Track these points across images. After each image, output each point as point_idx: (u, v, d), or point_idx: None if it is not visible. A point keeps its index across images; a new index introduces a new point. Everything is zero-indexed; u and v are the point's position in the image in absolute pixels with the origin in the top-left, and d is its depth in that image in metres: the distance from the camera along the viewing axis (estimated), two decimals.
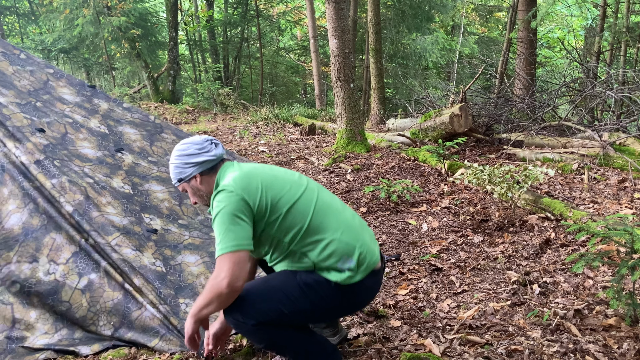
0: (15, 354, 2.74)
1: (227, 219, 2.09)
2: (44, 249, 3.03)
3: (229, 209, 2.09)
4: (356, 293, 2.23)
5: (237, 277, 2.04)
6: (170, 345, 2.70)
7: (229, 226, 2.07)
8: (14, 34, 19.83)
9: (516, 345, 2.49)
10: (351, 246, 2.20)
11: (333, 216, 2.25)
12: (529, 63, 10.40)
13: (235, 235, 2.06)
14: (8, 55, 4.29)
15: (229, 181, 2.17)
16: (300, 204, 2.21)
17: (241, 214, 2.10)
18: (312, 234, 2.18)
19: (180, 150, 2.32)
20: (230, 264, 2.03)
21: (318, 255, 2.17)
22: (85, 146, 3.80)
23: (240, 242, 2.06)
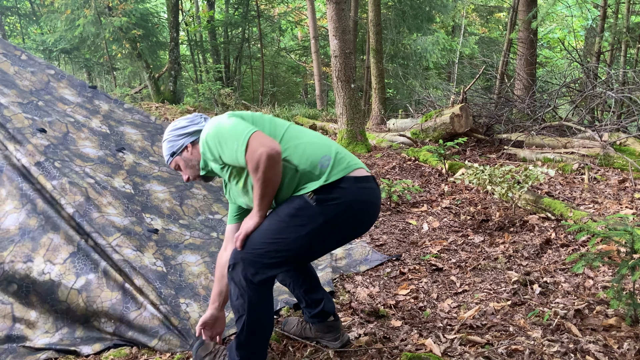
0: (16, 354, 2.74)
1: (224, 125, 2.14)
2: (41, 249, 3.03)
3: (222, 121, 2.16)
4: (342, 197, 2.15)
5: (271, 141, 2.05)
6: (170, 345, 2.70)
7: (232, 125, 2.12)
8: (16, 35, 19.85)
9: (517, 345, 2.49)
10: (327, 146, 2.24)
11: (311, 132, 2.33)
12: (529, 63, 10.41)
13: (242, 127, 2.09)
14: (9, 56, 4.30)
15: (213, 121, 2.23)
16: (276, 122, 2.29)
17: (233, 119, 2.17)
18: (290, 140, 2.21)
19: (172, 126, 2.38)
20: (257, 140, 2.04)
21: (300, 157, 2.17)
22: (87, 145, 3.80)
23: (246, 131, 2.06)
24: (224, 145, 2.11)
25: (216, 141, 2.13)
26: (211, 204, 4.03)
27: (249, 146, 2.03)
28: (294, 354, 2.61)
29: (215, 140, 2.13)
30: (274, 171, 2.07)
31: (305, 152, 2.18)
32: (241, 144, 2.04)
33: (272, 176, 2.07)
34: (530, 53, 10.37)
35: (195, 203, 3.93)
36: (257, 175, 2.05)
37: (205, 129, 2.20)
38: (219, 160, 2.18)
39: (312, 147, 2.21)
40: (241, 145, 2.04)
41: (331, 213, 2.15)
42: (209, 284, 3.19)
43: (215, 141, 2.14)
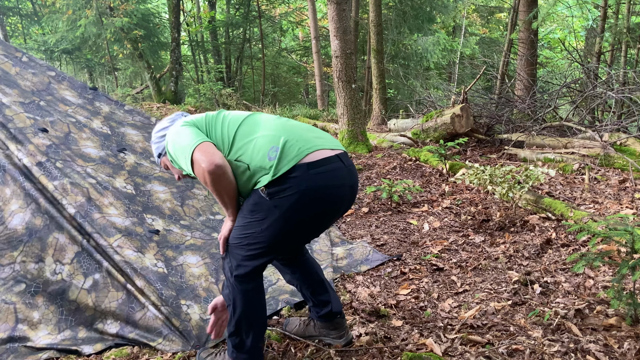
0: (17, 354, 2.74)
1: (176, 136, 2.23)
2: (49, 249, 3.04)
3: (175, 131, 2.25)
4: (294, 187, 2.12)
5: (211, 155, 2.10)
6: (173, 345, 2.71)
7: (181, 137, 2.20)
8: (17, 35, 19.87)
9: (517, 345, 2.50)
10: (276, 137, 2.19)
11: (267, 123, 2.29)
12: (530, 64, 10.41)
13: (189, 137, 2.17)
14: (11, 57, 4.31)
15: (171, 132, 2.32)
16: (231, 119, 2.31)
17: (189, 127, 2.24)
18: (242, 138, 2.22)
19: (156, 127, 2.45)
20: (199, 154, 2.11)
21: (250, 155, 2.17)
22: (88, 145, 3.81)
23: (196, 139, 2.15)
24: (179, 159, 2.21)
25: (173, 154, 2.25)
26: (212, 205, 4.04)
27: (193, 162, 2.13)
28: (295, 354, 2.61)
29: (173, 153, 2.25)
30: (221, 183, 2.14)
31: (255, 148, 2.17)
32: (187, 160, 2.14)
33: (221, 187, 2.16)
34: (530, 53, 10.38)
35: (197, 203, 3.93)
36: (209, 188, 2.16)
37: (167, 137, 2.30)
38: (179, 166, 2.29)
39: (261, 141, 2.18)
40: (188, 161, 2.14)
41: (285, 205, 2.13)
42: (209, 286, 3.19)
43: (173, 154, 2.25)
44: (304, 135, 2.24)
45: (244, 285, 2.29)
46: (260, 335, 2.38)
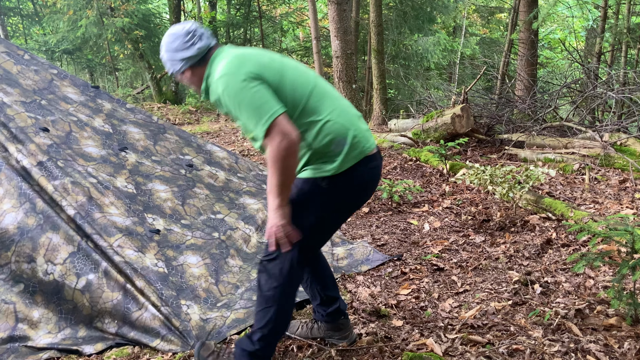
0: (18, 353, 2.74)
1: (244, 91, 2.05)
2: (40, 249, 3.03)
3: (244, 87, 2.05)
4: (353, 180, 2.20)
5: (290, 130, 2.02)
6: (172, 345, 2.72)
7: (254, 95, 2.04)
8: (18, 35, 19.88)
9: (517, 345, 2.50)
10: (345, 128, 2.18)
11: (329, 100, 2.23)
12: (530, 64, 10.41)
13: (262, 109, 2.03)
14: (12, 55, 4.30)
15: (224, 66, 2.12)
16: (298, 84, 2.18)
17: (253, 87, 2.06)
18: (308, 114, 2.16)
19: (167, 43, 2.27)
20: (279, 127, 2.01)
21: (315, 137, 2.15)
22: (90, 144, 3.81)
23: (272, 111, 2.02)
24: (243, 113, 2.06)
25: (234, 103, 2.07)
26: (213, 204, 4.04)
27: (270, 133, 2.01)
28: (296, 354, 2.62)
29: (234, 102, 2.07)
30: (294, 160, 2.05)
31: (322, 131, 2.15)
32: (262, 125, 2.01)
33: (289, 165, 2.05)
34: (531, 54, 10.38)
35: (198, 203, 3.94)
36: (276, 164, 2.03)
37: (221, 80, 2.09)
38: (232, 115, 2.14)
39: (329, 127, 2.16)
40: (262, 127, 2.01)
41: (341, 195, 2.21)
42: (209, 287, 3.20)
43: (233, 102, 2.08)
44: (362, 128, 2.26)
45: (296, 273, 2.28)
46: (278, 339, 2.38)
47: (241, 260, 3.64)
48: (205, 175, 4.35)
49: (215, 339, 2.77)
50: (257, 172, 4.89)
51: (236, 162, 4.83)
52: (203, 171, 4.38)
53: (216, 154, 4.76)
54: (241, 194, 4.40)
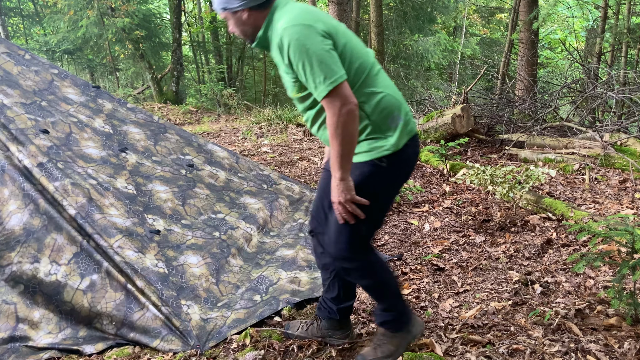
0: (19, 353, 2.75)
1: (315, 54, 1.99)
2: (46, 250, 3.04)
3: (315, 43, 2.00)
4: (406, 157, 2.24)
5: (352, 96, 2.02)
6: (172, 345, 2.72)
7: (320, 60, 1.99)
8: (19, 35, 19.90)
9: (518, 345, 2.50)
10: (400, 104, 2.22)
11: (384, 75, 2.26)
12: (530, 64, 10.40)
13: (329, 69, 1.99)
14: (13, 55, 4.30)
15: (296, 16, 2.05)
16: (361, 54, 2.18)
17: (324, 44, 2.02)
18: (368, 85, 2.15)
19: None
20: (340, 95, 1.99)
21: (374, 109, 2.14)
22: (90, 146, 3.82)
23: (337, 75, 2.00)
24: (307, 68, 2.01)
25: (301, 55, 2.00)
26: (214, 204, 4.05)
27: (332, 95, 1.99)
28: (297, 354, 2.62)
29: (302, 53, 2.00)
30: (355, 127, 2.04)
31: (381, 104, 2.16)
32: (327, 86, 1.98)
33: (353, 132, 2.03)
34: (531, 54, 10.37)
35: (198, 203, 3.94)
36: (337, 130, 2.01)
37: (293, 29, 2.01)
38: (291, 69, 2.08)
39: (388, 100, 2.17)
40: (326, 87, 1.98)
41: (398, 171, 2.25)
42: (209, 286, 3.20)
43: (300, 54, 2.00)
44: (408, 106, 2.30)
45: (371, 256, 2.32)
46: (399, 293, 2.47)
47: (242, 259, 3.64)
48: (206, 175, 4.35)
49: (215, 339, 2.78)
50: (257, 172, 4.89)
51: (237, 162, 4.84)
52: (204, 171, 4.39)
53: (217, 154, 4.76)
54: (242, 193, 4.40)
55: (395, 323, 2.44)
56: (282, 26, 2.03)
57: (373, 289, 2.40)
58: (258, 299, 3.16)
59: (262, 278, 3.40)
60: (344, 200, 2.12)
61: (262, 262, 3.70)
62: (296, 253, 3.72)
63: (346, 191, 2.11)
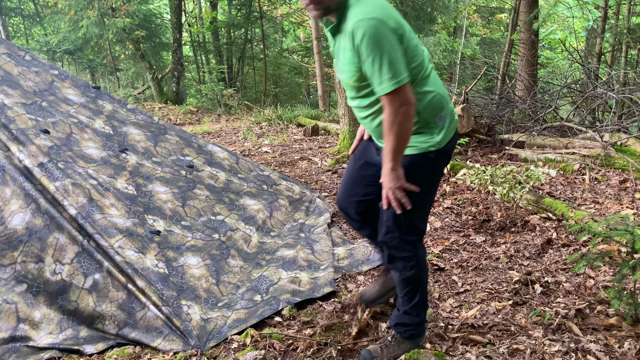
0: (19, 353, 2.75)
1: (387, 51, 2.07)
2: (49, 249, 3.05)
3: (388, 41, 2.08)
4: (445, 152, 2.36)
5: (411, 100, 2.13)
6: (173, 345, 2.73)
7: (390, 58, 2.07)
8: (19, 35, 19.92)
9: (518, 345, 2.51)
10: (447, 102, 2.34)
11: (435, 74, 2.37)
12: (530, 64, 10.40)
13: (397, 68, 2.07)
14: (13, 56, 4.31)
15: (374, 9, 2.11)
16: (420, 53, 2.26)
17: (395, 43, 2.09)
18: (423, 85, 2.26)
19: None
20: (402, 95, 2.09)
21: (425, 107, 2.26)
22: (90, 146, 3.82)
23: (402, 76, 2.09)
24: (377, 62, 2.08)
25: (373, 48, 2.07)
26: (213, 205, 4.05)
27: (394, 95, 2.09)
28: (297, 354, 2.63)
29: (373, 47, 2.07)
30: (410, 125, 2.15)
31: (431, 103, 2.27)
32: (391, 85, 2.07)
33: (407, 130, 2.15)
34: (531, 54, 10.37)
35: (198, 204, 3.95)
36: (394, 127, 2.13)
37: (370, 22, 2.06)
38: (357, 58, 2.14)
39: (437, 100, 2.29)
40: (390, 85, 2.07)
41: (440, 166, 2.40)
42: (209, 287, 3.21)
43: (372, 48, 2.07)
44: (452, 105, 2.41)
45: (420, 251, 2.45)
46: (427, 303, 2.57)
47: (242, 260, 3.65)
48: (206, 176, 4.36)
49: (216, 339, 2.78)
50: (257, 173, 4.90)
51: (237, 163, 4.84)
52: (204, 172, 4.39)
53: (217, 155, 4.76)
54: (242, 194, 4.40)
55: (410, 329, 2.51)
56: (358, 16, 2.09)
57: (409, 284, 2.45)
58: (258, 299, 3.17)
59: (263, 278, 3.41)
60: (394, 188, 2.25)
61: (263, 262, 3.70)
62: (296, 253, 3.73)
63: (396, 180, 2.24)
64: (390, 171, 2.22)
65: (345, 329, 2.83)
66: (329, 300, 3.19)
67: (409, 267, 2.41)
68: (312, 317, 2.98)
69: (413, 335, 2.52)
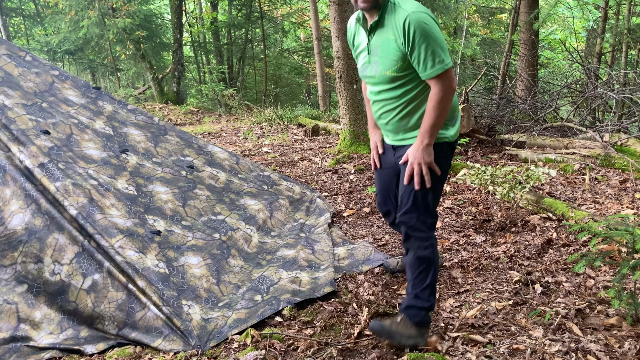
0: (20, 353, 2.75)
1: (437, 39, 2.38)
2: (48, 250, 3.05)
3: (437, 31, 2.39)
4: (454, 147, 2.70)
5: (455, 82, 2.46)
6: (173, 345, 2.73)
7: (441, 45, 2.38)
8: (20, 36, 19.95)
9: (518, 345, 2.51)
10: (458, 104, 2.72)
11: None
12: (531, 64, 10.41)
13: (445, 54, 2.39)
14: (14, 57, 4.32)
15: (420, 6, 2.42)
16: None
17: (441, 34, 2.41)
18: None
19: None
20: (451, 76, 2.41)
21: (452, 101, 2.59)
22: (91, 147, 3.83)
23: (450, 61, 2.41)
24: (429, 49, 2.37)
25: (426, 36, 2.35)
26: (214, 205, 4.06)
27: (444, 76, 2.40)
28: (298, 354, 2.63)
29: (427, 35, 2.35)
30: (450, 105, 2.47)
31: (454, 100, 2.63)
32: (443, 66, 2.38)
33: (448, 108, 2.46)
34: (531, 54, 10.38)
35: (198, 204, 3.95)
36: (439, 105, 2.42)
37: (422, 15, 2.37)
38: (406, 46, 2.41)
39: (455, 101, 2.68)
40: (442, 67, 2.38)
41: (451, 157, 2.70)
42: (210, 287, 3.21)
43: (425, 35, 2.35)
44: None
45: (433, 233, 2.68)
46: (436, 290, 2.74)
47: (242, 260, 3.65)
48: (206, 177, 4.36)
49: (216, 339, 2.79)
50: (258, 173, 4.90)
51: (237, 163, 4.85)
52: (204, 172, 4.40)
53: (217, 155, 4.77)
54: (242, 194, 4.41)
55: (420, 313, 2.59)
56: (409, 10, 2.38)
57: (423, 263, 2.61)
58: (259, 299, 3.17)
59: (263, 278, 3.41)
60: (425, 162, 2.52)
61: (263, 262, 3.71)
62: (297, 253, 3.73)
63: (428, 155, 2.52)
64: (427, 146, 2.50)
65: (345, 329, 2.84)
66: (330, 300, 3.19)
67: (424, 246, 2.60)
68: (312, 317, 2.99)
69: (420, 322, 2.59)
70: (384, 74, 2.52)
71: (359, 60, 2.72)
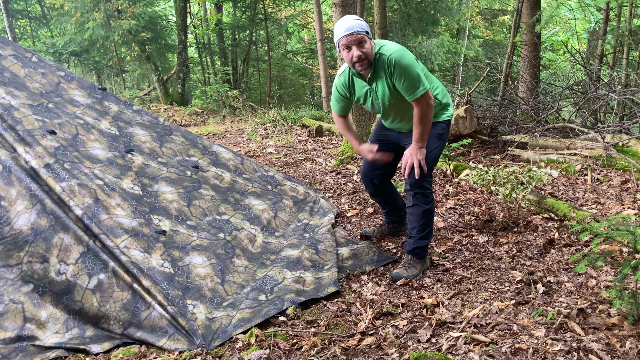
0: (26, 352, 2.77)
1: (419, 71, 3.18)
2: (54, 250, 3.07)
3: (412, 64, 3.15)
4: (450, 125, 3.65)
5: (432, 99, 3.28)
6: (178, 344, 2.75)
7: (421, 74, 3.18)
8: (26, 37, 20.00)
9: (520, 344, 2.52)
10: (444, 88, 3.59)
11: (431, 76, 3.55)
12: (533, 66, 10.40)
13: (421, 81, 3.16)
14: (20, 57, 4.35)
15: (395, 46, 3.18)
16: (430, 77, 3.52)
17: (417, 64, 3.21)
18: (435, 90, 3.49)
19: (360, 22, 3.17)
20: (428, 96, 3.21)
21: (442, 95, 3.52)
22: (96, 147, 3.85)
23: (426, 84, 3.20)
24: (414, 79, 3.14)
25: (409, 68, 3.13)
26: (218, 205, 4.08)
27: (425, 96, 3.18)
28: (302, 353, 2.65)
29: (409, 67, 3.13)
30: (432, 115, 3.30)
31: (443, 91, 3.54)
32: (423, 89, 3.16)
33: (432, 117, 3.31)
34: (533, 55, 10.37)
35: (203, 204, 3.97)
36: (425, 118, 3.24)
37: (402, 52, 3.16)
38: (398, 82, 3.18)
39: (443, 89, 3.56)
40: (423, 90, 3.16)
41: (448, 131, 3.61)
42: (214, 286, 3.23)
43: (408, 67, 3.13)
44: None
45: (431, 190, 3.54)
46: None
47: (247, 260, 3.67)
48: (211, 177, 4.38)
49: (220, 338, 2.81)
50: (262, 173, 4.92)
51: (242, 163, 4.87)
52: (209, 172, 4.42)
53: (222, 155, 4.79)
54: (246, 194, 4.43)
55: (423, 251, 3.55)
56: (388, 53, 3.15)
57: (427, 215, 3.52)
58: (263, 299, 3.19)
59: (267, 278, 3.43)
60: (421, 158, 3.37)
61: (267, 262, 3.73)
62: (301, 253, 3.75)
63: (422, 154, 3.37)
64: (422, 147, 3.36)
65: (349, 328, 2.86)
66: (333, 300, 3.22)
67: (429, 201, 3.49)
68: (316, 317, 3.01)
69: (424, 255, 3.58)
70: (387, 104, 3.40)
71: (363, 102, 3.50)
